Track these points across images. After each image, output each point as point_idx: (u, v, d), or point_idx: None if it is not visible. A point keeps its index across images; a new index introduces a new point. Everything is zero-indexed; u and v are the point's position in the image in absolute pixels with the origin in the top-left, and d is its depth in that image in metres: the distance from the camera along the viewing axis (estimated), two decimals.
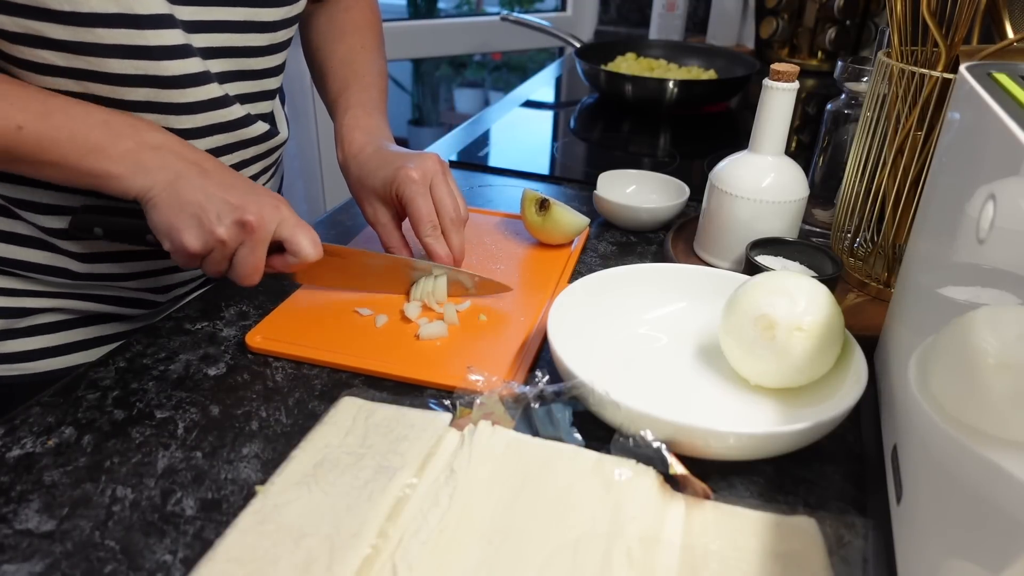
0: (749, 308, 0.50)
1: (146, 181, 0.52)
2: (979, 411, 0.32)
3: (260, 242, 0.54)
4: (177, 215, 0.52)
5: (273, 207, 0.54)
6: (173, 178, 0.53)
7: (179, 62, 0.57)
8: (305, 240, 0.55)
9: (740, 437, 0.43)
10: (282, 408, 0.52)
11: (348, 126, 0.70)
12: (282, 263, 0.57)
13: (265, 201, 0.54)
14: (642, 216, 0.79)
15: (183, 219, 0.52)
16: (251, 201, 0.53)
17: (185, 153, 0.55)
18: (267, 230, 0.54)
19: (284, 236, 0.55)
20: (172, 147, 0.54)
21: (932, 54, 0.59)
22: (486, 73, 3.41)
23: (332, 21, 0.78)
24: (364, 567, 0.37)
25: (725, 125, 1.28)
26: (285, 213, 0.55)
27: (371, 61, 0.77)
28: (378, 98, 0.74)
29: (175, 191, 0.52)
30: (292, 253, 0.56)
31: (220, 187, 0.53)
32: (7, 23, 0.51)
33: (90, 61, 0.54)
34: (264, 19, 0.63)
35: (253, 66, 0.64)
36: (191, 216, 0.52)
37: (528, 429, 0.47)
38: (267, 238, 0.54)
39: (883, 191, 0.63)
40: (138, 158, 0.52)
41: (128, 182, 0.52)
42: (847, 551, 0.39)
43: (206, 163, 0.55)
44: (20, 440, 0.48)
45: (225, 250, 0.54)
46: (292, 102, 1.75)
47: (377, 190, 0.65)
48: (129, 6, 0.53)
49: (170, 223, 0.52)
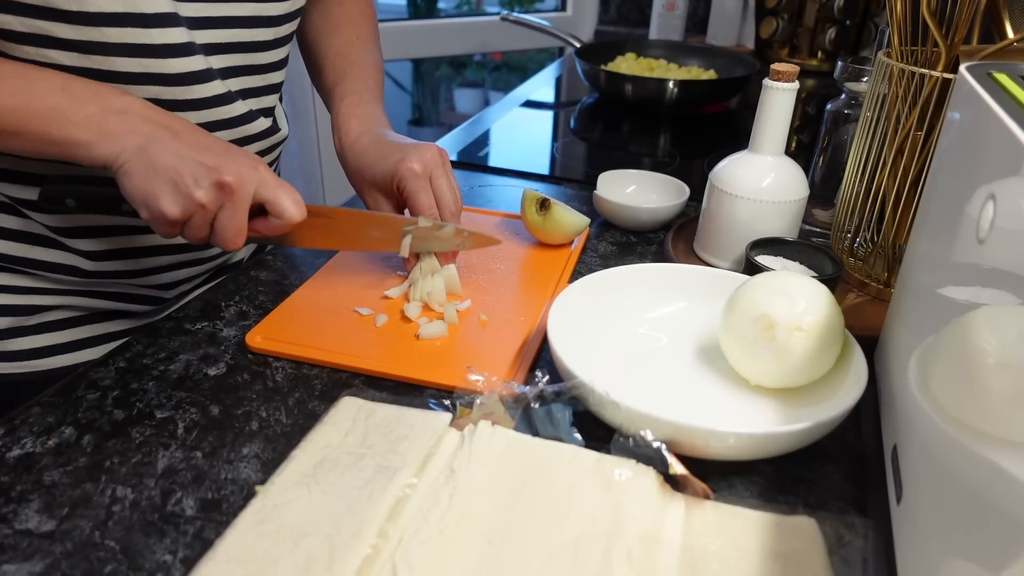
0: (749, 308, 0.50)
1: (114, 147, 0.50)
2: (979, 411, 0.32)
3: (241, 203, 0.52)
4: (152, 181, 0.50)
5: (251, 167, 0.53)
6: (144, 143, 0.50)
7: (183, 59, 0.57)
8: (287, 200, 0.54)
9: (740, 437, 0.43)
10: (282, 408, 0.52)
11: (344, 114, 0.70)
12: (265, 226, 0.55)
13: (242, 161, 0.52)
14: (642, 216, 0.79)
15: (158, 185, 0.50)
16: (228, 162, 0.52)
17: (153, 116, 0.52)
18: (247, 190, 0.52)
19: (265, 197, 0.53)
20: (138, 110, 0.52)
21: (932, 54, 0.59)
22: (486, 73, 3.41)
23: (327, 14, 0.78)
24: (364, 567, 0.37)
25: (725, 125, 1.28)
26: (264, 174, 0.53)
27: (366, 52, 0.77)
28: (374, 87, 0.74)
29: (147, 156, 0.50)
30: (275, 215, 0.54)
31: (194, 149, 0.51)
32: (14, 23, 0.50)
33: (96, 60, 0.54)
34: (270, 13, 0.63)
35: (258, 60, 0.64)
36: (167, 181, 0.50)
37: (528, 429, 0.47)
38: (248, 199, 0.52)
39: (883, 191, 0.63)
40: (103, 123, 0.50)
41: (95, 149, 0.50)
42: (847, 551, 0.39)
43: (176, 124, 0.53)
44: (20, 440, 0.48)
45: (206, 214, 0.52)
46: (292, 101, 1.75)
47: (377, 182, 0.65)
48: (135, 5, 0.53)
49: (145, 190, 0.50)
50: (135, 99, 0.53)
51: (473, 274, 0.68)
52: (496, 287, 0.67)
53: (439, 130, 2.94)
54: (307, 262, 0.72)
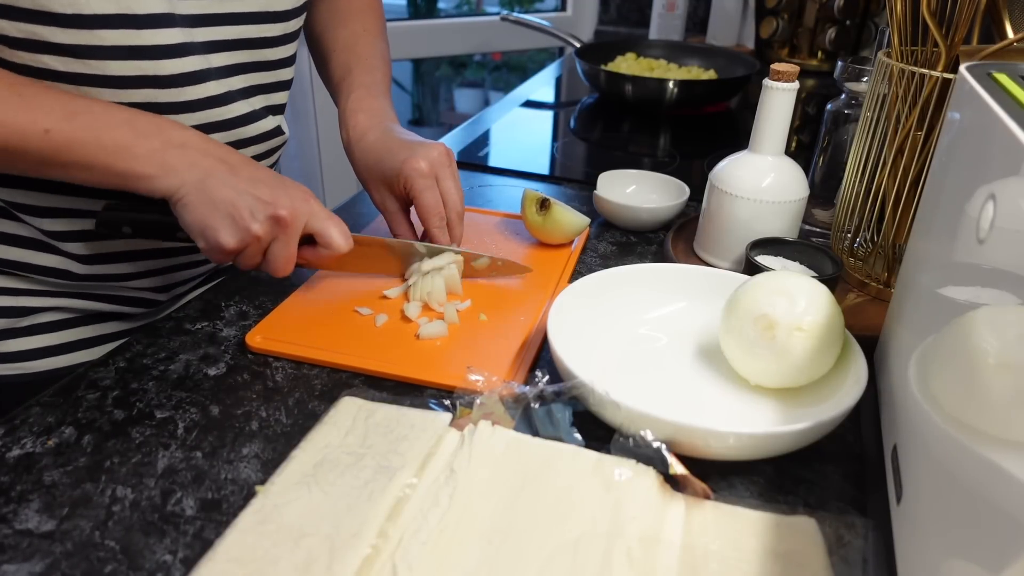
0: (749, 308, 0.50)
1: (175, 181, 0.52)
2: (979, 411, 0.32)
3: (293, 235, 0.55)
4: (211, 214, 0.52)
5: (303, 200, 0.55)
6: (202, 176, 0.52)
7: (177, 60, 0.57)
8: (336, 232, 0.56)
9: (740, 437, 0.43)
10: (282, 408, 0.52)
11: (351, 108, 0.70)
12: (313, 255, 0.58)
13: (295, 194, 0.55)
14: (642, 216, 0.79)
15: (217, 218, 0.52)
16: (282, 195, 0.54)
17: (210, 149, 0.55)
18: (299, 223, 0.55)
19: (316, 229, 0.56)
20: (196, 144, 0.54)
21: (932, 54, 0.59)
22: (486, 73, 3.41)
23: (333, 7, 0.78)
24: (364, 567, 0.37)
25: (725, 125, 1.28)
26: (315, 206, 0.56)
27: (373, 44, 0.77)
28: (381, 80, 0.74)
29: (205, 190, 0.52)
30: (324, 246, 0.57)
31: (250, 183, 0.53)
32: (8, 28, 0.50)
33: (90, 64, 0.54)
34: (277, 8, 0.63)
35: (267, 56, 0.64)
36: (225, 216, 0.52)
37: (528, 429, 0.47)
38: (299, 231, 0.55)
39: (883, 191, 0.63)
40: (164, 157, 0.52)
41: (157, 182, 0.52)
42: (847, 551, 0.39)
43: (232, 158, 0.55)
44: (20, 440, 0.48)
45: (260, 245, 0.54)
46: (292, 101, 1.74)
47: (385, 179, 0.66)
48: (128, 6, 0.53)
49: (204, 223, 0.53)
50: (193, 133, 0.55)
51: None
52: (496, 287, 0.67)
53: (439, 130, 2.94)
54: None
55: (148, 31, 0.55)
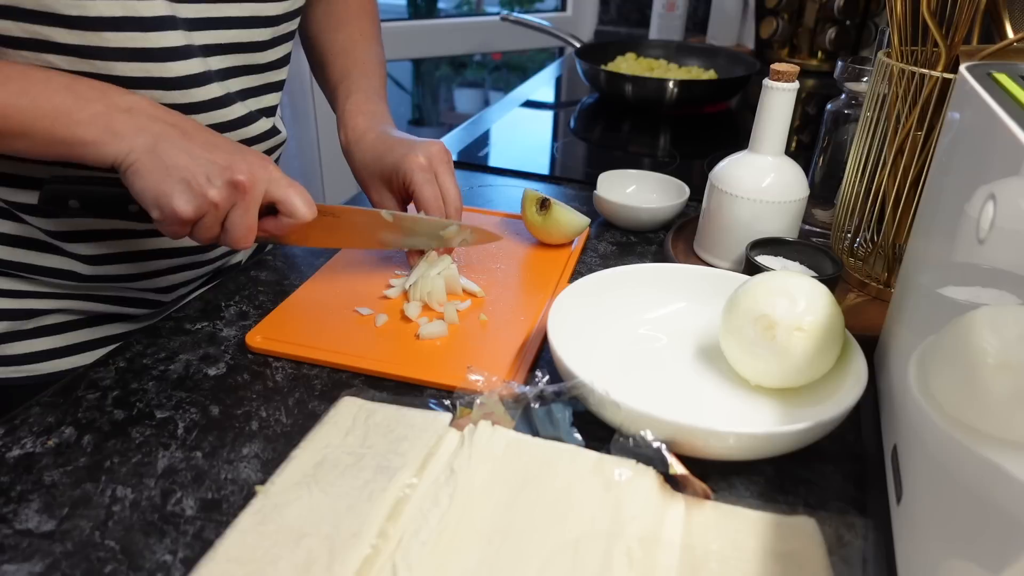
0: (749, 308, 0.50)
1: (123, 146, 0.49)
2: (979, 411, 0.32)
3: (253, 202, 0.52)
4: (164, 180, 0.49)
5: (262, 166, 0.53)
6: (153, 141, 0.50)
7: (181, 63, 0.57)
8: (299, 200, 0.54)
9: (740, 437, 0.43)
10: (282, 408, 0.52)
11: (350, 112, 0.70)
12: (275, 225, 0.55)
13: (253, 160, 0.52)
14: (642, 216, 0.79)
15: (171, 184, 0.49)
16: (239, 160, 0.51)
17: (160, 114, 0.52)
18: (259, 189, 0.52)
19: (277, 196, 0.53)
20: (145, 108, 0.51)
21: (932, 54, 0.59)
22: (486, 73, 3.41)
23: (330, 10, 0.78)
24: (364, 567, 0.37)
25: (725, 125, 1.28)
26: (274, 172, 0.53)
27: (370, 49, 0.77)
28: (378, 84, 0.75)
29: (157, 155, 0.49)
30: (286, 214, 0.54)
31: (205, 147, 0.51)
32: (13, 28, 0.50)
33: (95, 65, 0.53)
34: (267, 13, 0.63)
35: (257, 60, 0.64)
36: (179, 180, 0.49)
37: (528, 429, 0.47)
38: (259, 197, 0.52)
39: (883, 191, 0.63)
40: (109, 122, 0.50)
41: (103, 148, 0.49)
42: (847, 551, 0.39)
43: (184, 123, 0.52)
44: (20, 440, 0.48)
45: (218, 213, 0.51)
46: (292, 101, 1.75)
47: (383, 176, 0.66)
48: (134, 9, 0.53)
49: (157, 189, 0.49)
50: (141, 98, 0.52)
51: (473, 274, 0.68)
52: (496, 287, 0.67)
53: (439, 130, 2.94)
54: (307, 262, 0.72)
55: (154, 33, 0.54)
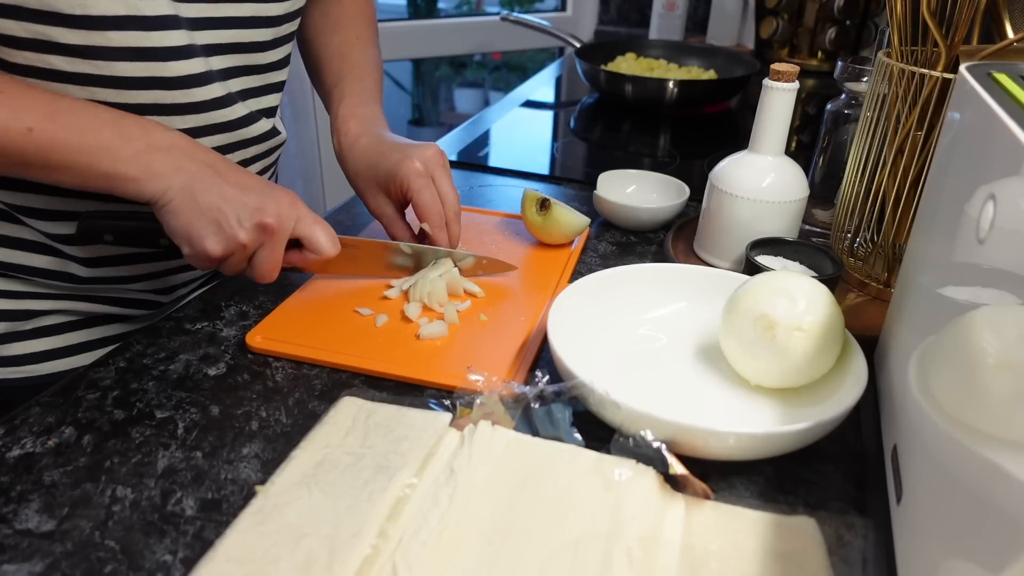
0: (749, 308, 0.50)
1: (160, 185, 0.52)
2: (979, 411, 0.32)
3: (280, 242, 0.54)
4: (197, 220, 0.52)
5: (290, 205, 0.55)
6: (188, 181, 0.52)
7: (184, 62, 0.57)
8: (323, 237, 0.56)
9: (740, 437, 0.43)
10: (282, 408, 0.52)
11: (343, 115, 0.70)
12: (300, 259, 0.58)
13: (282, 200, 0.55)
14: (642, 216, 0.79)
15: (203, 225, 0.52)
16: (269, 202, 0.54)
17: (197, 154, 0.54)
18: (286, 230, 0.54)
19: (302, 233, 0.56)
20: (183, 148, 0.54)
21: (932, 54, 0.59)
22: (486, 73, 3.41)
23: (326, 13, 0.78)
24: (364, 567, 0.37)
25: (725, 125, 1.28)
26: (302, 211, 0.56)
27: (365, 52, 0.77)
28: (373, 88, 0.75)
29: (191, 195, 0.52)
30: (312, 250, 0.57)
31: (236, 189, 0.53)
32: (15, 28, 0.50)
33: (97, 65, 0.54)
34: (269, 14, 0.63)
35: (258, 61, 0.64)
36: (211, 221, 0.52)
37: (528, 429, 0.47)
38: (286, 236, 0.55)
39: (883, 191, 0.63)
40: (150, 160, 0.52)
41: (143, 186, 0.52)
42: (847, 551, 0.39)
43: (218, 164, 0.55)
44: (20, 440, 0.48)
45: (246, 253, 0.54)
46: (292, 101, 1.75)
47: (379, 182, 0.66)
48: (137, 8, 0.53)
49: (190, 229, 0.52)
50: (180, 135, 0.54)
51: (473, 274, 0.68)
52: (496, 287, 0.67)
53: (439, 130, 2.94)
54: None
55: (156, 32, 0.54)
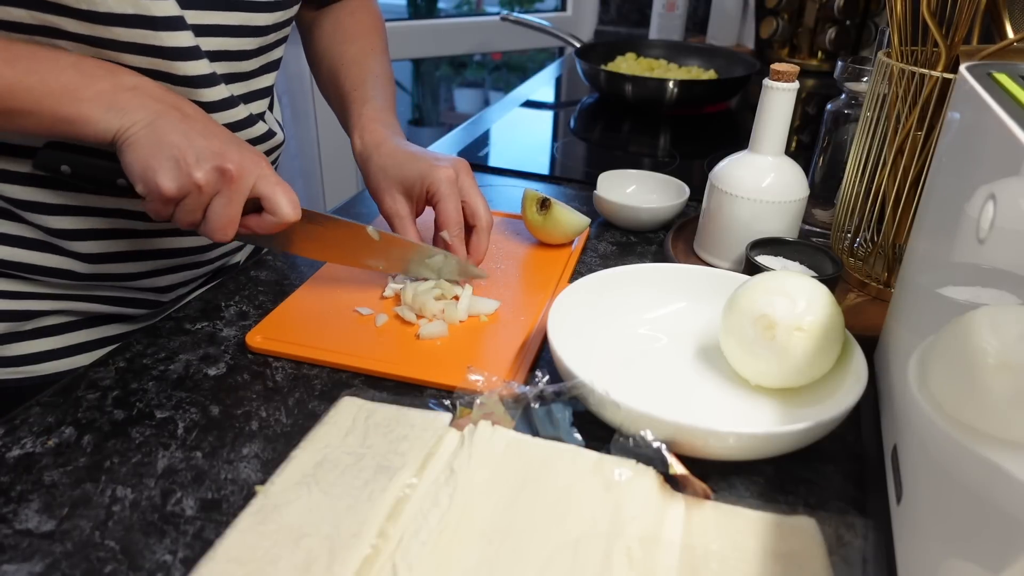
0: (749, 308, 0.50)
1: (123, 120, 0.50)
2: (979, 411, 0.32)
3: (237, 193, 0.52)
4: (154, 155, 0.50)
5: (254, 161, 0.53)
6: (152, 118, 0.51)
7: (192, 63, 0.57)
8: (284, 199, 0.54)
9: (740, 437, 0.43)
10: (282, 408, 0.52)
11: (369, 117, 0.71)
12: (258, 223, 0.55)
13: (246, 153, 0.53)
14: (642, 216, 0.79)
15: (160, 159, 0.50)
16: (233, 150, 0.52)
17: (164, 96, 0.53)
18: (246, 181, 0.52)
19: (263, 192, 0.53)
20: (149, 89, 0.53)
21: (932, 54, 0.59)
22: (486, 73, 3.41)
23: (339, 24, 0.79)
24: (364, 567, 0.37)
25: (725, 125, 1.28)
26: (265, 169, 0.54)
27: (382, 63, 0.78)
28: (391, 98, 0.75)
29: (154, 131, 0.50)
30: (270, 211, 0.54)
31: (202, 132, 0.52)
32: (22, 15, 0.51)
33: (106, 54, 0.54)
34: (257, 23, 0.63)
35: (241, 68, 0.65)
36: (169, 157, 0.50)
37: (528, 429, 0.47)
38: (245, 190, 0.53)
39: (883, 191, 0.63)
40: (113, 99, 0.51)
41: (105, 124, 0.50)
42: (847, 551, 0.39)
43: (187, 107, 0.53)
44: (20, 440, 0.48)
45: (201, 197, 0.52)
46: (292, 102, 1.75)
47: (404, 182, 0.65)
48: (146, 8, 0.53)
49: (146, 163, 0.50)
50: (146, 79, 0.53)
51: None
52: (496, 287, 0.67)
53: (439, 130, 2.93)
54: (307, 262, 0.72)
55: (165, 33, 0.54)
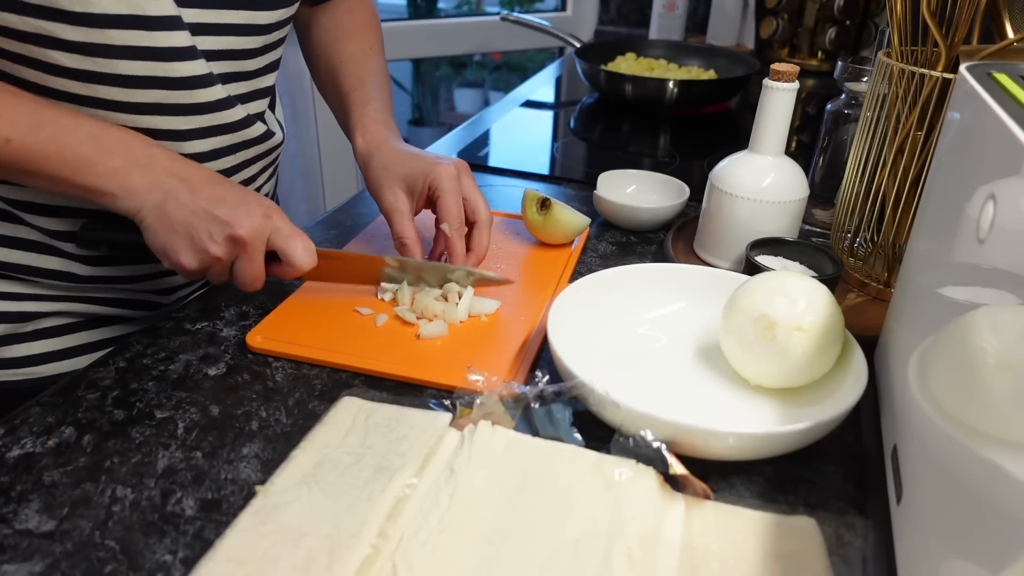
0: (749, 308, 0.50)
1: (136, 203, 0.53)
2: (979, 411, 0.32)
3: (254, 253, 0.55)
4: (170, 237, 0.53)
5: (263, 216, 0.55)
6: (162, 199, 0.53)
7: (187, 63, 0.57)
8: (299, 250, 0.56)
9: (740, 437, 0.43)
10: (282, 408, 0.52)
11: (371, 118, 0.71)
12: (280, 270, 0.58)
13: (255, 211, 0.54)
14: (642, 216, 0.79)
15: (176, 241, 0.53)
16: (241, 215, 0.54)
17: (175, 168, 0.55)
18: (259, 241, 0.55)
19: (278, 246, 0.56)
20: (161, 163, 0.54)
21: (932, 54, 0.59)
22: (486, 73, 3.41)
23: (336, 21, 0.79)
24: (364, 567, 0.37)
25: (725, 125, 1.28)
26: (277, 222, 0.56)
27: (380, 63, 0.79)
28: (389, 100, 0.76)
29: (164, 213, 0.53)
30: (287, 263, 0.56)
31: (209, 202, 0.53)
32: (17, 22, 0.50)
33: (99, 63, 0.54)
34: (260, 22, 0.63)
35: (247, 67, 0.65)
36: (183, 237, 0.53)
37: (528, 429, 0.47)
38: (261, 248, 0.55)
39: (883, 191, 0.63)
40: (126, 177, 0.53)
41: (119, 202, 0.53)
42: (847, 551, 0.39)
43: (194, 177, 0.55)
44: (20, 440, 0.48)
45: (223, 264, 0.55)
46: (292, 102, 1.75)
47: (406, 179, 0.66)
48: (140, 7, 0.53)
49: (165, 246, 0.54)
50: (160, 150, 0.55)
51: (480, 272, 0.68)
52: (496, 287, 0.67)
53: (439, 130, 2.93)
54: None
55: (160, 33, 0.54)
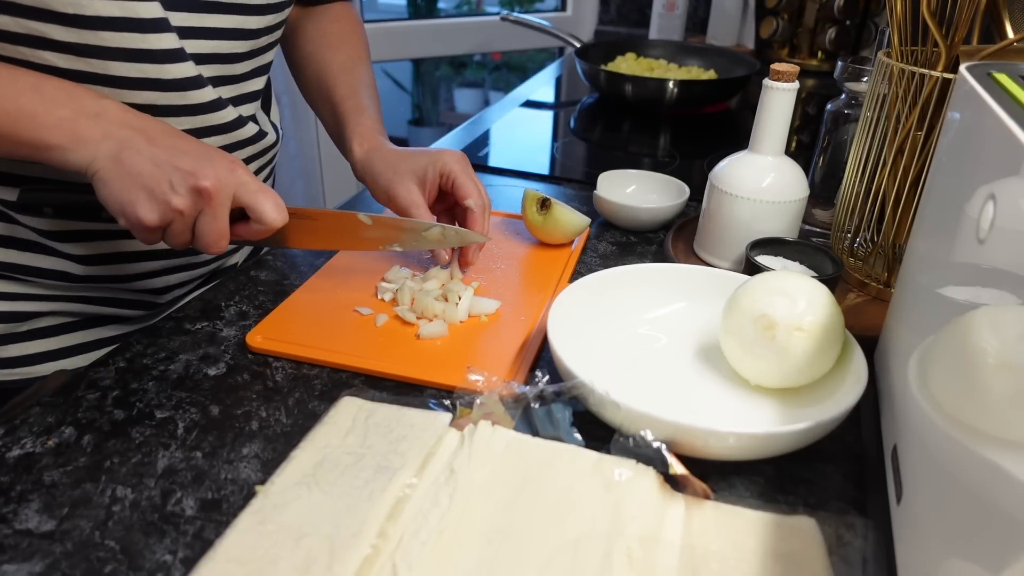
0: (749, 308, 0.50)
1: (87, 153, 0.49)
2: (979, 411, 0.32)
3: (220, 208, 0.51)
4: (127, 189, 0.49)
5: (229, 170, 0.51)
6: (117, 149, 0.49)
7: (178, 65, 0.57)
8: (268, 205, 0.53)
9: (740, 437, 0.43)
10: (282, 408, 0.52)
11: (366, 126, 0.72)
12: (247, 231, 0.54)
13: (220, 164, 0.51)
14: (642, 216, 0.79)
15: (134, 192, 0.49)
16: (205, 166, 0.50)
17: (129, 119, 0.51)
18: (225, 194, 0.51)
19: (245, 202, 0.52)
20: (113, 113, 0.50)
21: (932, 54, 0.59)
22: (486, 73, 3.41)
23: (323, 30, 0.79)
24: (364, 567, 0.37)
25: (725, 125, 1.28)
26: (243, 176, 0.52)
27: (369, 73, 0.79)
28: (379, 108, 0.77)
29: (121, 163, 0.49)
30: (255, 219, 0.53)
31: (170, 153, 0.50)
32: (9, 24, 0.50)
33: (92, 64, 0.53)
34: (249, 27, 0.63)
35: (236, 71, 0.65)
36: (142, 188, 0.49)
37: (528, 429, 0.47)
38: (227, 203, 0.51)
39: (883, 191, 0.63)
40: (75, 127, 0.49)
41: (69, 154, 0.49)
42: (847, 551, 0.39)
43: (152, 128, 0.51)
44: (20, 440, 0.48)
45: (185, 220, 0.51)
46: (292, 102, 1.75)
47: (415, 171, 0.67)
48: (132, 10, 0.53)
49: (121, 198, 0.49)
50: (111, 101, 0.51)
51: (474, 273, 0.68)
52: (496, 287, 0.67)
53: (439, 130, 2.93)
54: (307, 262, 0.72)
55: (152, 35, 0.54)
